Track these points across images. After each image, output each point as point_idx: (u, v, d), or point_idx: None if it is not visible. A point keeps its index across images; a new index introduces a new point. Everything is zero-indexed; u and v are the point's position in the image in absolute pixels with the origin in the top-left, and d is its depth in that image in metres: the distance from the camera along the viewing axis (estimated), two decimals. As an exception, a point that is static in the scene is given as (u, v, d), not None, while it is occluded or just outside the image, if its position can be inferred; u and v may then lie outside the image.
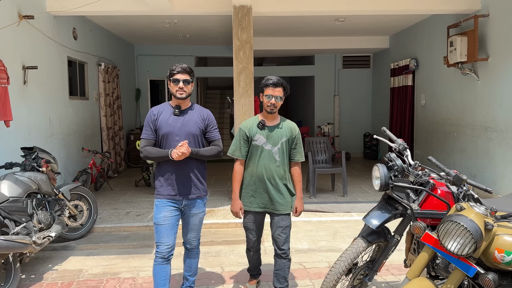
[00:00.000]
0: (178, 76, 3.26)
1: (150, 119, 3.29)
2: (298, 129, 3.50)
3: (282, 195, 3.42)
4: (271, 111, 3.37)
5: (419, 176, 2.98)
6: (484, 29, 6.49)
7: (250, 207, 3.46)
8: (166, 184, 3.30)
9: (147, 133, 3.29)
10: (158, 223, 3.27)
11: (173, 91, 3.27)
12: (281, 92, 3.37)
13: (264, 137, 3.40)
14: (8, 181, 4.17)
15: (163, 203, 3.30)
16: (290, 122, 3.53)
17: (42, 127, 6.25)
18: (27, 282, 4.15)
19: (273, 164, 3.39)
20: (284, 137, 3.41)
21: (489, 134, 6.47)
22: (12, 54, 5.43)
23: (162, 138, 3.27)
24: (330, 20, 8.58)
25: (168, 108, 3.33)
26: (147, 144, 3.27)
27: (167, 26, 8.79)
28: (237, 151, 3.50)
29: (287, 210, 3.44)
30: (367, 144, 12.09)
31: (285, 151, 3.41)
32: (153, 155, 3.24)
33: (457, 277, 2.38)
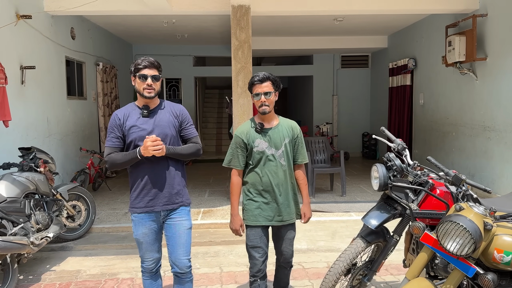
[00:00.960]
0: (145, 72, 2.79)
1: (114, 124, 2.82)
2: (299, 128, 3.18)
3: (290, 202, 3.10)
4: (263, 112, 2.99)
5: (418, 176, 2.97)
6: (482, 28, 6.49)
7: (256, 221, 3.04)
8: (141, 195, 2.85)
9: (112, 140, 2.82)
10: (138, 240, 2.93)
11: (140, 89, 2.81)
12: (270, 87, 2.99)
13: (265, 141, 3.04)
14: (5, 182, 4.15)
15: (140, 219, 2.87)
16: (289, 120, 3.20)
17: (40, 127, 6.23)
18: (25, 283, 4.13)
19: (280, 170, 3.05)
20: (286, 137, 3.08)
21: (487, 134, 6.47)
22: (9, 54, 5.41)
23: (132, 145, 2.81)
24: (329, 19, 8.57)
25: (135, 109, 2.88)
26: (112, 152, 2.80)
27: (165, 25, 8.77)
28: (234, 160, 3.09)
29: (293, 218, 3.15)
30: (365, 143, 12.09)
31: (289, 153, 3.09)
32: (119, 161, 2.77)
33: (456, 277, 2.37)
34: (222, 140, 14.20)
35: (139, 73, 2.80)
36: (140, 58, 2.84)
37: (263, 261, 3.07)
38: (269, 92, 2.97)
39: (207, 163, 11.42)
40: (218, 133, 14.49)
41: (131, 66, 2.86)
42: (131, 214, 2.92)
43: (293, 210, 3.13)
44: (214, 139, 14.35)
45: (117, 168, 2.82)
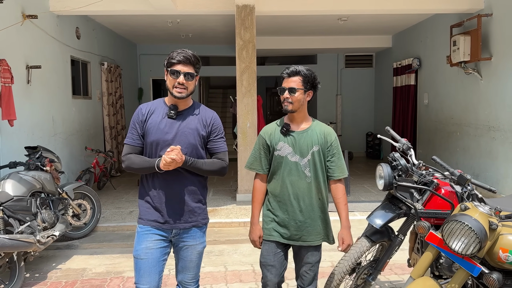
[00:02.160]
0: (178, 67, 2.41)
1: (137, 119, 2.49)
2: (335, 135, 2.68)
3: (315, 222, 2.64)
4: (285, 109, 2.59)
5: (423, 176, 2.98)
6: (487, 28, 6.47)
7: (270, 236, 2.65)
8: (152, 207, 2.49)
9: (132, 137, 2.49)
10: (138, 256, 2.45)
11: (170, 86, 2.44)
12: (298, 83, 2.56)
13: (289, 146, 2.61)
14: (12, 180, 4.18)
15: (146, 231, 2.48)
16: (324, 125, 2.72)
17: (45, 126, 6.27)
18: (31, 280, 4.16)
19: (302, 181, 2.59)
20: (316, 145, 2.60)
21: (492, 134, 6.45)
22: (16, 53, 5.45)
23: (150, 147, 2.46)
24: (333, 19, 8.57)
25: (162, 107, 2.51)
26: (131, 152, 2.47)
27: (170, 25, 8.79)
28: (256, 163, 2.71)
29: (317, 241, 2.67)
30: (369, 143, 12.08)
31: (318, 163, 2.60)
32: (136, 165, 2.42)
33: (461, 276, 2.38)
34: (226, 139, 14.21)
35: (172, 68, 2.42)
36: (176, 51, 2.45)
37: (275, 284, 2.65)
38: (294, 88, 2.56)
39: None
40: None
41: (165, 59, 2.48)
42: (138, 226, 2.53)
43: (319, 231, 2.66)
44: (217, 139, 14.38)
45: (133, 171, 2.47)
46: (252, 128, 6.56)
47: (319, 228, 2.66)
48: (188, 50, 2.46)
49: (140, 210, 2.54)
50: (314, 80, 2.64)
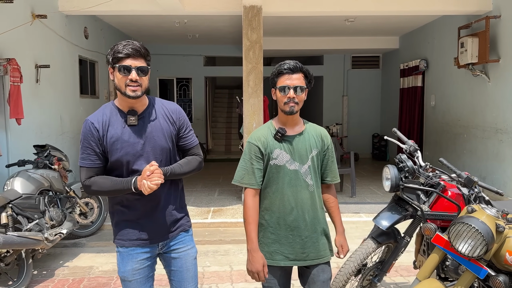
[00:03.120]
0: (128, 62, 2.03)
1: (90, 137, 2.08)
2: (329, 137, 2.43)
3: (319, 234, 2.32)
4: (291, 110, 2.24)
5: (429, 178, 2.98)
6: (495, 30, 6.44)
7: (273, 260, 2.29)
8: (131, 223, 2.18)
9: (90, 158, 2.08)
10: (125, 278, 2.20)
11: (121, 85, 2.05)
12: (302, 80, 2.26)
13: (287, 153, 2.27)
14: (21, 178, 4.23)
15: (130, 251, 2.19)
16: (317, 127, 2.42)
17: (53, 125, 6.32)
18: (39, 278, 4.21)
19: (305, 191, 2.28)
20: (314, 149, 2.31)
21: (499, 136, 6.42)
22: (25, 53, 5.50)
23: (119, 164, 2.11)
24: (340, 20, 8.56)
25: (116, 114, 2.13)
26: (93, 174, 2.09)
27: (177, 25, 8.83)
28: (247, 176, 2.28)
29: (325, 257, 2.34)
30: (375, 145, 12.05)
31: (317, 169, 2.33)
32: (107, 188, 2.07)
33: (468, 279, 2.38)
34: (231, 139, 14.25)
35: (120, 64, 2.03)
36: (120, 43, 2.06)
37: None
38: (300, 86, 2.24)
39: (216, 163, 11.47)
40: (227, 132, 14.54)
41: (108, 54, 2.08)
42: (117, 246, 2.21)
43: (324, 245, 2.34)
44: (223, 139, 14.41)
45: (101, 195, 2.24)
46: (258, 129, 6.57)
47: (324, 242, 2.35)
48: (134, 41, 2.09)
49: (116, 228, 2.20)
50: (312, 78, 2.34)
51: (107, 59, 2.11)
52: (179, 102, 12.76)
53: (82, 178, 2.11)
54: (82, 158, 2.11)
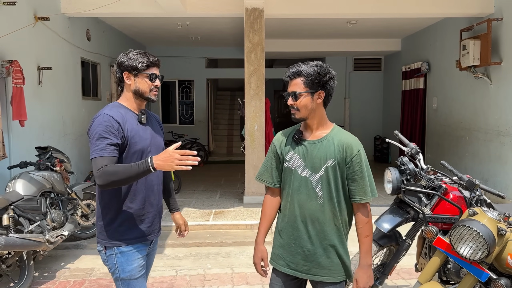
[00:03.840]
0: (154, 70, 2.29)
1: (111, 128, 2.14)
2: (358, 148, 2.14)
3: (326, 251, 2.15)
4: (293, 117, 2.17)
5: (431, 180, 2.98)
6: (497, 32, 6.44)
7: (276, 263, 2.25)
8: (134, 222, 2.26)
9: (108, 148, 2.10)
10: (132, 277, 2.26)
11: (145, 90, 2.27)
12: (300, 85, 2.11)
13: (300, 157, 2.16)
14: (22, 180, 4.24)
15: (134, 249, 2.26)
16: (345, 134, 2.20)
17: (55, 127, 6.34)
18: (40, 279, 4.21)
19: (313, 201, 2.14)
20: (331, 159, 2.11)
21: (501, 139, 6.41)
22: (27, 54, 5.52)
23: (135, 157, 2.23)
24: (342, 22, 8.57)
25: (128, 113, 2.28)
26: (107, 164, 2.07)
27: (179, 28, 8.85)
28: (266, 174, 2.29)
29: (334, 277, 2.16)
30: (377, 147, 12.03)
31: (332, 181, 2.12)
32: (120, 175, 2.03)
33: (469, 282, 2.37)
34: (233, 141, 14.26)
35: (148, 71, 2.26)
36: (138, 53, 2.28)
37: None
38: (295, 93, 2.12)
39: (218, 164, 11.48)
40: (229, 134, 14.55)
41: (128, 61, 2.25)
42: (119, 247, 2.24)
43: (333, 265, 2.15)
44: (225, 141, 14.42)
45: (114, 186, 2.09)
46: (259, 131, 6.58)
47: (335, 261, 2.15)
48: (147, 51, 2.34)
49: (118, 229, 2.24)
50: (322, 78, 2.12)
51: (125, 64, 2.25)
52: (181, 104, 12.78)
53: (97, 167, 2.07)
54: (99, 148, 2.10)
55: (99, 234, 2.29)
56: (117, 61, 2.31)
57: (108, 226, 2.25)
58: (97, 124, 2.15)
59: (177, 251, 4.90)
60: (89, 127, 2.20)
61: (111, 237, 2.24)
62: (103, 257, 2.31)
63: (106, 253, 2.27)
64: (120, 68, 2.29)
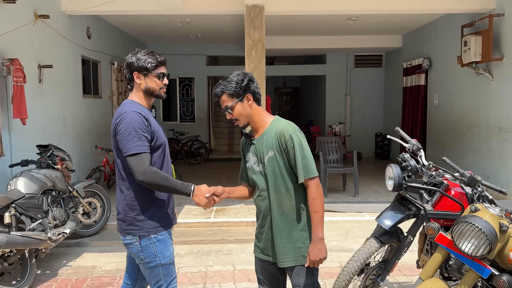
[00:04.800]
0: (163, 69, 2.45)
1: (143, 126, 2.29)
2: (291, 132, 2.26)
3: (281, 238, 2.33)
4: (238, 126, 2.38)
5: (433, 177, 2.97)
6: (499, 28, 6.41)
7: (255, 251, 2.53)
8: (165, 209, 2.46)
9: (145, 144, 2.28)
10: (170, 261, 2.44)
11: (156, 88, 2.41)
12: (227, 99, 2.31)
13: (253, 155, 2.40)
14: (24, 178, 4.24)
15: (168, 235, 2.46)
16: (280, 124, 2.33)
17: (56, 125, 6.34)
18: (42, 277, 4.22)
19: (265, 192, 2.36)
20: (270, 150, 2.30)
21: (503, 135, 6.39)
22: (28, 53, 5.52)
23: (157, 151, 2.40)
24: (342, 19, 8.55)
25: (145, 109, 2.42)
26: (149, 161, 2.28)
27: (179, 25, 8.83)
28: (242, 175, 2.59)
29: (287, 262, 2.32)
30: (378, 144, 12.02)
31: (277, 170, 2.29)
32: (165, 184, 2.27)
33: (471, 278, 2.37)
34: (234, 139, 14.26)
35: (158, 71, 2.40)
36: (146, 52, 2.42)
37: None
38: (227, 106, 2.32)
39: (219, 162, 11.48)
40: (230, 132, 14.55)
41: (138, 61, 2.38)
42: (156, 235, 2.37)
43: (286, 250, 2.32)
44: (226, 138, 14.42)
45: (152, 187, 2.29)
46: (261, 128, 6.57)
47: (287, 246, 2.31)
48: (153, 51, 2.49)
49: (151, 219, 2.36)
50: (241, 84, 2.30)
51: (135, 64, 2.37)
52: (182, 102, 12.77)
53: (141, 164, 2.23)
54: (138, 145, 2.25)
55: (129, 226, 2.36)
56: (126, 62, 2.42)
57: (142, 216, 2.35)
58: (131, 121, 2.27)
59: (179, 248, 4.90)
60: (118, 123, 2.30)
61: (146, 227, 2.35)
62: (134, 249, 2.38)
63: (141, 243, 2.35)
64: (129, 69, 2.41)
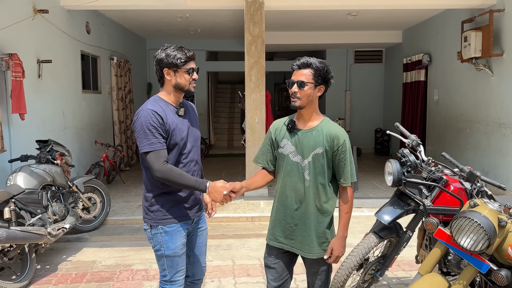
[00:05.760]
0: (192, 64, 2.47)
1: (157, 123, 2.34)
2: (344, 138, 2.40)
3: (308, 229, 2.44)
4: (293, 104, 2.39)
5: (432, 172, 2.97)
6: (499, 24, 6.40)
7: (269, 239, 2.55)
8: (176, 202, 2.48)
9: (160, 141, 2.34)
10: (175, 254, 2.48)
11: (186, 83, 2.44)
12: (308, 76, 2.35)
13: (292, 144, 2.43)
14: (23, 173, 4.25)
15: (177, 228, 2.48)
16: (334, 126, 2.43)
17: (56, 120, 6.33)
18: (42, 272, 4.23)
19: (301, 184, 2.41)
20: (319, 147, 2.38)
21: (503, 131, 6.39)
22: (27, 48, 5.50)
23: (175, 147, 2.44)
24: (343, 14, 8.52)
25: (168, 106, 2.46)
26: (164, 159, 2.33)
27: (179, 20, 8.80)
28: (262, 157, 2.58)
29: (312, 254, 2.46)
30: (378, 139, 12.02)
31: (318, 167, 2.39)
32: (179, 181, 2.33)
33: (470, 273, 2.38)
34: (234, 135, 14.26)
35: (187, 66, 2.43)
36: (175, 47, 2.44)
37: (276, 287, 2.55)
38: (303, 82, 2.35)
39: (219, 158, 11.48)
40: (229, 127, 14.55)
41: (167, 58, 2.41)
42: (159, 226, 2.46)
43: (312, 243, 2.44)
44: (226, 134, 14.42)
45: (168, 183, 2.35)
46: (260, 124, 6.57)
47: (314, 239, 2.43)
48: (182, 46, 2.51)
49: (160, 211, 2.45)
50: (327, 74, 2.39)
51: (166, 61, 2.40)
52: (182, 97, 12.74)
53: (156, 162, 2.31)
54: (152, 142, 2.33)
55: (145, 214, 2.51)
56: (156, 58, 2.46)
57: (152, 207, 2.46)
58: (144, 119, 2.34)
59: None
60: (135, 121, 2.40)
61: (155, 217, 2.45)
62: (148, 235, 2.55)
63: (152, 232, 2.49)
64: (159, 65, 2.44)
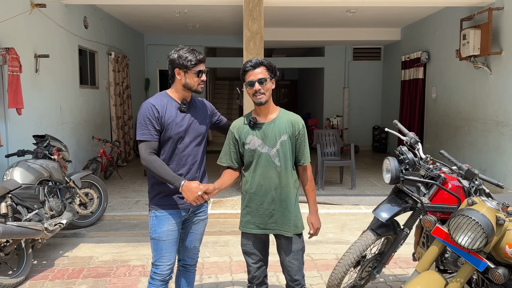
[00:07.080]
0: (202, 67, 2.64)
1: (152, 116, 2.53)
2: (302, 123, 2.71)
3: (289, 210, 2.69)
4: (259, 101, 2.60)
5: (430, 170, 2.97)
6: (498, 22, 6.39)
7: (246, 228, 2.75)
8: (169, 191, 2.64)
9: (150, 133, 2.53)
10: (159, 238, 2.65)
11: (194, 84, 2.62)
12: (265, 72, 2.61)
13: (259, 138, 2.66)
14: (20, 168, 4.22)
15: (166, 214, 2.65)
16: (291, 114, 2.74)
17: (53, 115, 6.30)
18: (38, 267, 4.22)
19: (273, 171, 2.65)
20: (284, 134, 2.65)
21: (500, 129, 6.40)
22: (24, 42, 5.47)
23: (169, 141, 2.61)
24: (341, 11, 8.50)
25: (171, 102, 2.64)
26: (151, 148, 2.53)
27: (177, 16, 8.77)
28: (225, 157, 2.79)
29: (297, 229, 2.73)
30: (376, 137, 12.04)
31: (287, 152, 2.66)
32: (157, 173, 2.51)
33: (467, 271, 2.38)
34: (231, 131, 14.24)
35: (197, 68, 2.60)
36: (188, 50, 2.59)
37: (258, 268, 2.80)
38: (263, 78, 2.59)
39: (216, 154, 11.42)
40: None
41: (179, 59, 2.57)
42: (152, 211, 2.67)
43: (292, 220, 2.70)
44: (224, 130, 14.40)
45: (151, 172, 2.55)
46: (258, 120, 6.56)
47: (293, 217, 2.71)
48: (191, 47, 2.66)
49: (156, 197, 2.67)
50: (275, 69, 2.69)
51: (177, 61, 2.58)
52: (179, 93, 12.70)
53: (143, 151, 2.53)
54: (143, 133, 2.54)
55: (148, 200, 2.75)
56: (169, 58, 2.63)
57: (150, 193, 2.70)
58: (143, 111, 2.56)
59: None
60: (138, 112, 2.60)
61: (151, 202, 2.69)
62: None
63: (149, 215, 2.72)
64: (172, 65, 2.62)
